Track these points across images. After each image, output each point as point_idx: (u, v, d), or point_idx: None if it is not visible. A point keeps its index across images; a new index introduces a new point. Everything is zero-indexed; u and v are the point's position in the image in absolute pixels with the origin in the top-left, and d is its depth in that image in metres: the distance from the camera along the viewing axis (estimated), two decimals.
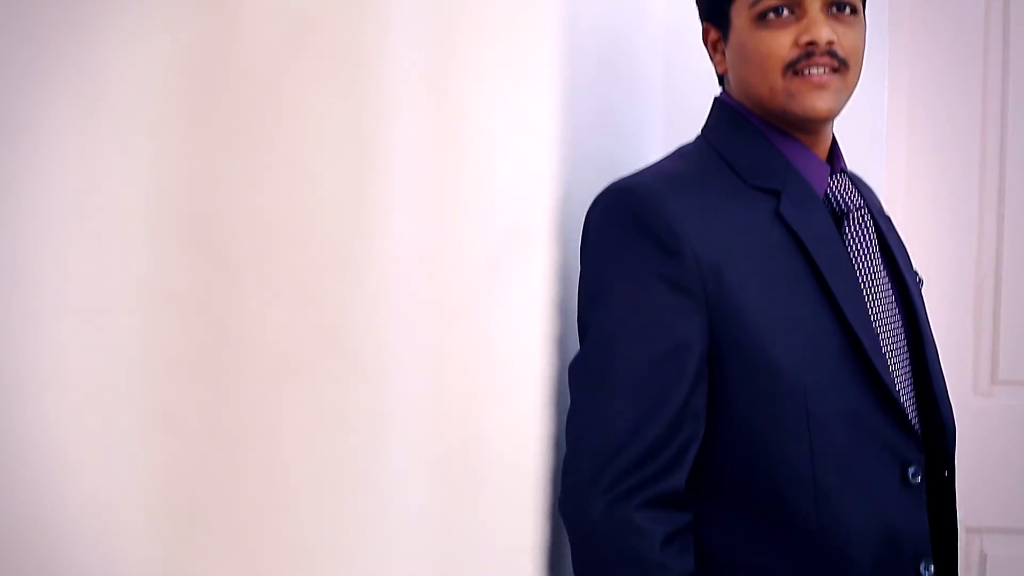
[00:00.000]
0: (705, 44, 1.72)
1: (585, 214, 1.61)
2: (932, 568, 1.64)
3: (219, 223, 0.47)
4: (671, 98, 2.15)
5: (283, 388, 0.47)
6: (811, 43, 1.58)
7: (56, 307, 0.45)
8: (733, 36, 1.64)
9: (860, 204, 1.67)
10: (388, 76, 0.49)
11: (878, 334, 1.61)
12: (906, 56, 2.45)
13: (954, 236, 2.47)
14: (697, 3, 1.72)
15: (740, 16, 1.63)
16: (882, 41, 2.28)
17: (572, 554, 1.57)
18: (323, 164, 0.48)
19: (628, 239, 1.55)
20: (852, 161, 1.82)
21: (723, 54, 1.68)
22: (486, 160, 0.54)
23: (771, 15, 1.59)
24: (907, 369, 1.67)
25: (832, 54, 1.59)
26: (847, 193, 1.67)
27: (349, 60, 0.48)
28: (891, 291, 1.68)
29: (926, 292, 1.84)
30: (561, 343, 1.59)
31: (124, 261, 0.46)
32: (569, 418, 1.57)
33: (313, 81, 0.48)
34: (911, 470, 1.61)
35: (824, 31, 1.57)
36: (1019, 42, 2.44)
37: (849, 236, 1.64)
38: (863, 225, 1.66)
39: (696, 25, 1.74)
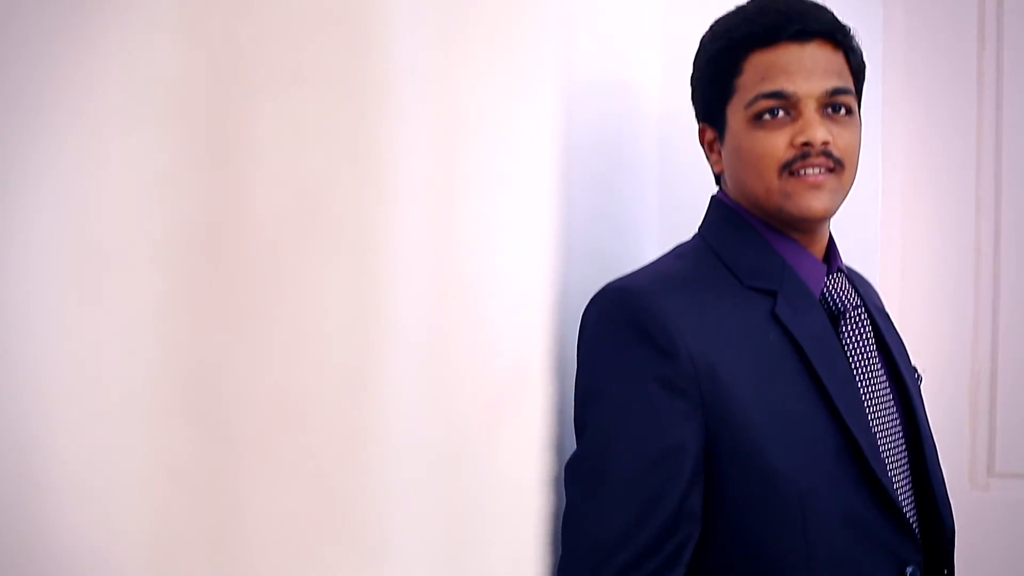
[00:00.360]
0: (701, 144, 1.73)
1: (582, 314, 1.62)
2: None
3: (223, 397, 0.47)
4: (666, 196, 2.16)
5: (287, 564, 0.46)
6: (806, 144, 1.59)
7: (61, 483, 0.45)
8: (729, 136, 1.66)
9: (857, 303, 1.68)
10: (389, 245, 0.49)
11: (876, 434, 1.61)
12: (901, 150, 2.47)
13: (949, 329, 2.47)
14: (693, 103, 1.74)
15: (736, 117, 1.64)
16: (876, 138, 2.30)
17: None
18: (326, 336, 0.48)
19: (623, 340, 1.55)
20: (847, 254, 1.83)
21: (719, 154, 1.69)
22: (485, 305, 0.54)
23: (767, 116, 1.61)
24: (905, 468, 1.67)
25: (828, 154, 1.60)
26: (844, 292, 1.68)
27: (351, 230, 0.49)
28: (889, 390, 1.68)
29: (922, 385, 1.84)
30: (558, 483, 1.60)
31: (129, 437, 0.46)
32: (565, 518, 1.56)
33: (315, 252, 0.48)
34: (909, 570, 1.60)
35: (819, 132, 1.59)
36: (1014, 133, 2.46)
37: (846, 335, 1.64)
38: (860, 324, 1.66)
39: (691, 123, 1.75)
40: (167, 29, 0.49)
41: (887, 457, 1.62)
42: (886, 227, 2.42)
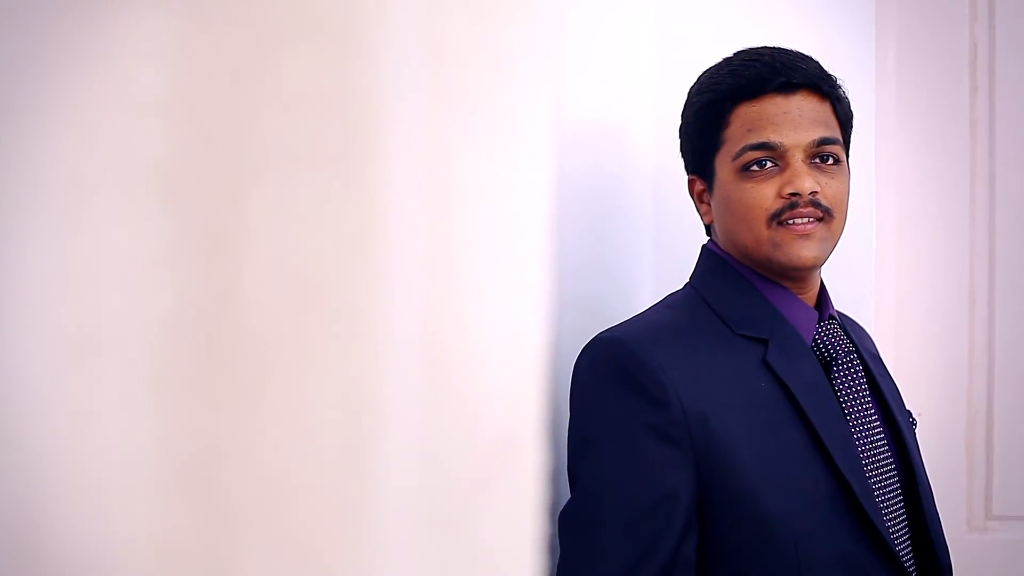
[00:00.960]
0: (691, 195, 1.75)
1: (574, 363, 1.63)
2: None
3: (220, 479, 0.47)
4: (660, 244, 2.17)
5: None
6: (794, 194, 1.60)
7: (59, 560, 0.45)
8: (718, 188, 1.67)
9: (849, 349, 1.69)
10: (383, 322, 0.50)
11: (870, 478, 1.62)
12: (895, 195, 2.48)
13: (945, 372, 2.48)
14: (682, 155, 1.75)
15: (724, 168, 1.65)
16: (869, 183, 2.32)
17: None
18: (322, 421, 0.48)
19: (615, 391, 1.56)
20: (842, 300, 1.84)
21: (709, 205, 1.71)
22: (478, 373, 0.55)
23: (754, 167, 1.62)
24: (901, 511, 1.67)
25: (816, 204, 1.61)
26: (836, 339, 1.68)
27: (344, 308, 0.49)
28: (883, 434, 1.69)
29: (919, 429, 1.85)
30: (552, 548, 1.60)
31: (127, 516, 0.46)
32: (559, 568, 1.57)
33: (311, 340, 0.49)
34: None
35: (807, 182, 1.60)
36: (1008, 178, 2.48)
37: (838, 382, 1.65)
38: (852, 370, 1.67)
39: (684, 172, 1.76)
40: (160, 112, 0.50)
41: (882, 500, 1.63)
42: (880, 272, 2.43)
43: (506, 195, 0.58)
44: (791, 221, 1.61)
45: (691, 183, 1.74)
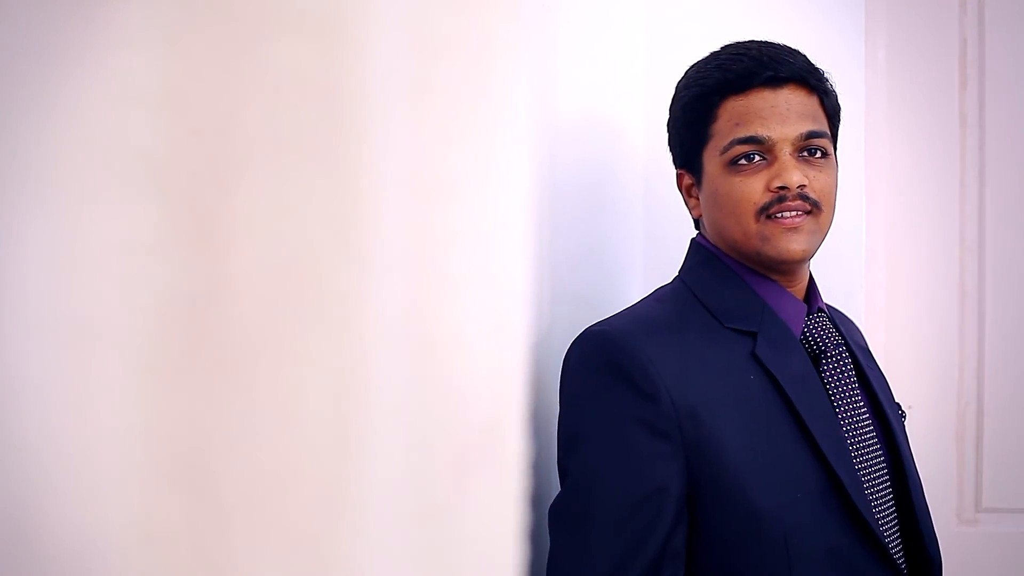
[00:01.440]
0: (680, 189, 1.75)
1: (564, 355, 1.63)
2: None
3: (209, 467, 0.48)
4: (651, 237, 2.18)
5: None
6: (782, 187, 1.60)
7: (55, 552, 0.46)
8: (706, 182, 1.67)
9: (838, 342, 1.69)
10: (370, 312, 0.51)
11: (859, 471, 1.62)
12: (884, 189, 2.49)
13: (936, 365, 2.49)
14: (671, 149, 1.76)
15: (712, 162, 1.66)
16: (858, 177, 2.32)
17: None
18: (309, 410, 0.49)
19: (605, 384, 1.57)
20: (832, 293, 1.84)
21: (697, 199, 1.71)
22: (462, 363, 0.55)
23: (742, 161, 1.62)
24: (890, 504, 1.68)
25: (804, 197, 1.61)
26: (824, 332, 1.69)
27: (333, 309, 0.50)
28: (872, 427, 1.69)
29: (909, 422, 1.86)
30: (534, 537, 1.60)
31: (117, 505, 0.47)
32: (550, 561, 1.57)
33: (298, 330, 0.49)
34: None
35: (795, 175, 1.60)
36: (997, 170, 2.48)
37: (827, 374, 1.66)
38: (841, 363, 1.68)
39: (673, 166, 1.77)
40: (149, 104, 0.50)
41: (871, 493, 1.63)
42: (870, 265, 2.44)
43: (491, 187, 0.58)
44: (779, 215, 1.61)
45: (679, 177, 1.74)
